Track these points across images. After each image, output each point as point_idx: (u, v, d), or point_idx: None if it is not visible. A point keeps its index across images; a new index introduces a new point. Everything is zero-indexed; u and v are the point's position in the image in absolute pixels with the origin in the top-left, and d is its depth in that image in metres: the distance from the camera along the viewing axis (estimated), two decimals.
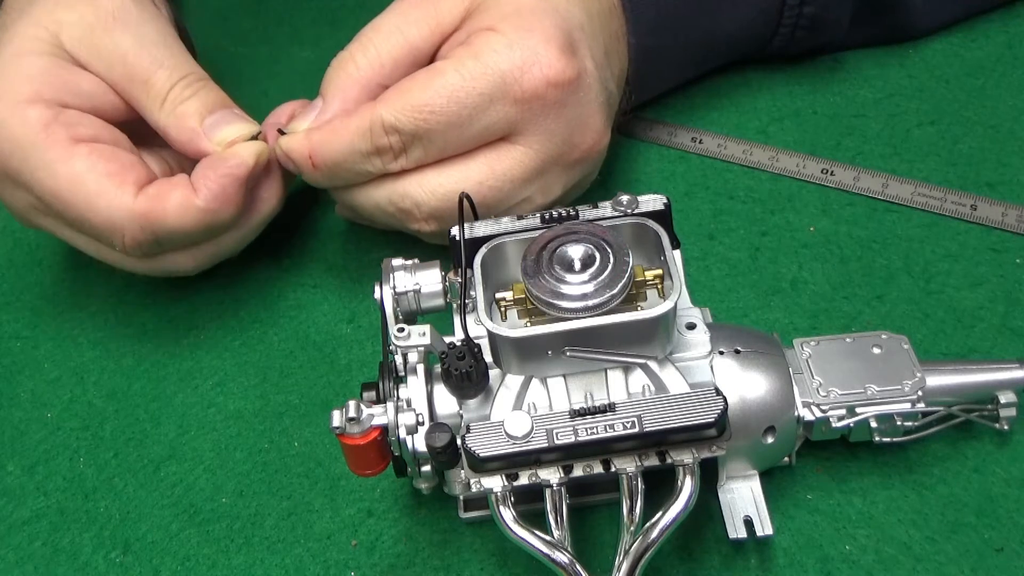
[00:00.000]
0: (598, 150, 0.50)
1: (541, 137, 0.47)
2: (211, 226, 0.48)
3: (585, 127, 0.48)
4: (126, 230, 0.47)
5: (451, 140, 0.47)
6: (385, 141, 0.46)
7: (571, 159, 0.49)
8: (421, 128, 0.46)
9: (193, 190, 0.47)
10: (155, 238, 0.48)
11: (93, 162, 0.47)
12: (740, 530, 0.41)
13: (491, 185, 0.47)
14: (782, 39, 0.59)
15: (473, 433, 0.37)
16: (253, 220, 0.51)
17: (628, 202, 0.43)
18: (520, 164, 0.47)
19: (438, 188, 0.47)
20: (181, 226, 0.47)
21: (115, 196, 0.47)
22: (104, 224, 0.47)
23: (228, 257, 0.53)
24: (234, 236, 0.51)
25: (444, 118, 0.46)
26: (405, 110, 0.46)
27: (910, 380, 0.41)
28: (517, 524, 0.38)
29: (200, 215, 0.47)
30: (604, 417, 0.37)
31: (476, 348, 0.39)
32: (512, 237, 0.42)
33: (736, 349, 0.42)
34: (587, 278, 0.38)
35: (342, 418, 0.38)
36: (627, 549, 0.37)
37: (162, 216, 0.47)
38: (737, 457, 0.42)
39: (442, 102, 0.45)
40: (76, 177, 0.47)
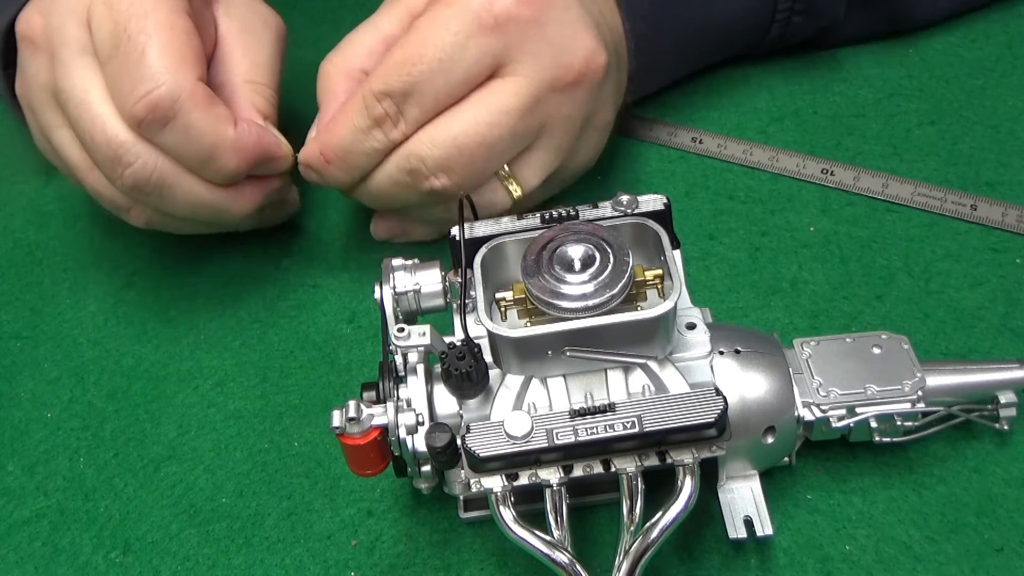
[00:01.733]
0: (594, 69, 0.48)
1: (527, 62, 0.46)
2: (213, 156, 0.48)
3: (573, 44, 0.47)
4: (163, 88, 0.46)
5: (441, 88, 0.46)
6: (380, 109, 0.46)
7: (566, 81, 0.47)
8: (408, 83, 0.46)
9: (232, 122, 0.48)
10: (172, 119, 0.46)
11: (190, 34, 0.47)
12: (740, 530, 0.41)
13: (490, 122, 0.46)
14: (779, 26, 0.59)
15: (473, 433, 0.37)
16: (215, 201, 0.50)
17: (628, 202, 0.43)
18: (513, 94, 0.47)
19: (438, 137, 0.47)
20: (199, 131, 0.47)
21: (185, 64, 0.46)
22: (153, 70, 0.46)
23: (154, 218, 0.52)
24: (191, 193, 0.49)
25: (427, 66, 0.46)
26: (390, 72, 0.46)
27: (910, 380, 0.41)
28: (517, 524, 0.38)
29: (218, 140, 0.47)
30: (604, 417, 0.37)
31: (476, 348, 0.39)
32: (512, 237, 0.42)
33: (736, 349, 0.42)
34: (587, 278, 0.38)
35: (342, 418, 0.38)
36: (627, 549, 0.37)
37: (198, 110, 0.46)
38: (737, 457, 0.42)
39: (422, 52, 0.46)
40: (172, 26, 0.46)
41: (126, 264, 0.58)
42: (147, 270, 0.57)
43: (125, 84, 0.46)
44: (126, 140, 0.47)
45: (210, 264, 0.57)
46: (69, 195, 0.61)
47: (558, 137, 0.49)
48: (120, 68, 0.46)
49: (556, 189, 0.54)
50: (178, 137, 0.47)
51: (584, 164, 0.54)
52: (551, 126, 0.48)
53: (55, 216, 0.61)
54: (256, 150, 0.49)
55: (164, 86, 0.46)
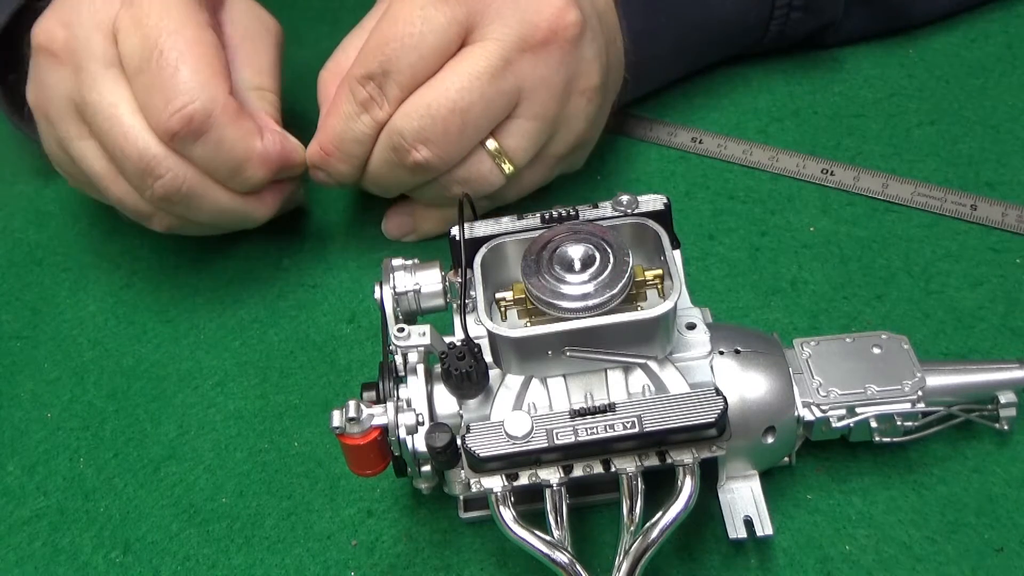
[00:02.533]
0: (565, 25, 0.47)
1: (493, 25, 0.47)
2: (242, 168, 0.49)
3: (540, 3, 0.47)
4: (198, 102, 0.47)
5: (415, 62, 0.47)
6: (364, 93, 0.48)
7: (536, 40, 0.47)
8: (385, 63, 0.47)
9: (259, 133, 0.49)
10: (206, 132, 0.47)
11: (218, 50, 0.49)
12: (740, 530, 0.41)
13: (460, 87, 0.47)
14: (778, 23, 0.59)
15: (473, 433, 0.37)
16: (239, 207, 0.51)
17: (628, 202, 0.43)
18: (482, 57, 0.47)
19: (413, 109, 0.47)
20: (231, 144, 0.48)
21: (217, 78, 0.47)
22: (188, 84, 0.46)
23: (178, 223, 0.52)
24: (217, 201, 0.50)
25: (399, 43, 0.46)
26: (368, 55, 0.47)
27: (910, 380, 0.41)
28: (517, 524, 0.38)
29: (248, 153, 0.48)
30: (604, 417, 0.37)
31: (476, 348, 0.39)
32: (512, 237, 0.42)
33: (736, 349, 0.42)
34: (587, 278, 0.38)
35: (342, 418, 0.38)
36: (627, 549, 0.37)
37: (230, 124, 0.47)
38: (737, 457, 0.42)
39: (392, 30, 0.47)
40: (202, 42, 0.48)
41: (126, 264, 0.58)
42: (147, 270, 0.57)
43: (158, 98, 0.47)
44: (158, 153, 0.48)
45: (210, 264, 0.57)
46: (69, 195, 0.62)
47: (539, 102, 0.49)
48: (152, 82, 0.47)
49: (556, 170, 0.53)
50: (210, 150, 0.48)
51: (578, 136, 0.52)
52: (529, 90, 0.48)
53: (55, 216, 0.61)
54: (280, 159, 0.50)
55: (199, 100, 0.46)
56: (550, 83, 0.48)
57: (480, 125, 0.48)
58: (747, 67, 0.63)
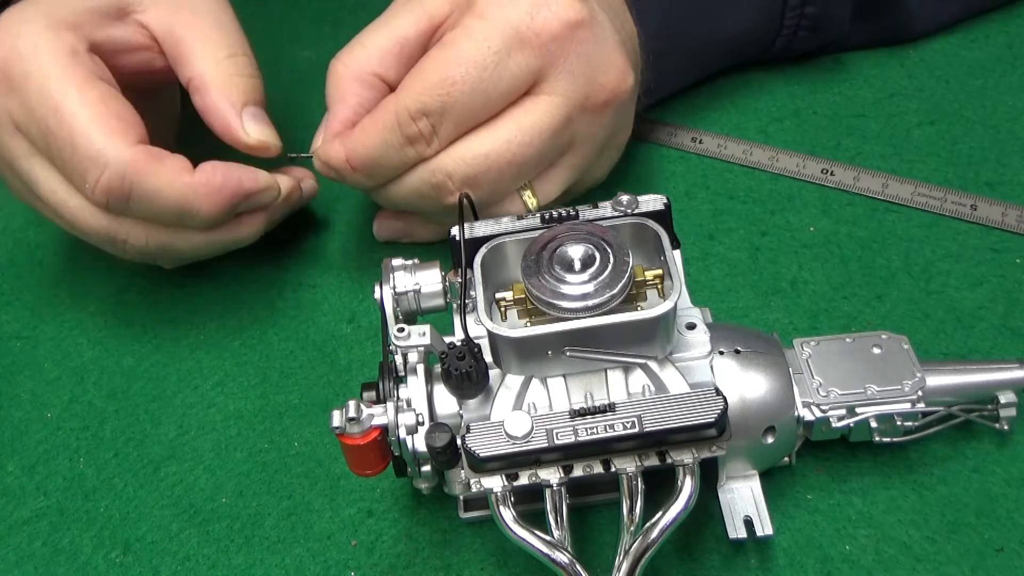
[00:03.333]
0: (624, 89, 0.48)
1: (564, 81, 0.46)
2: (185, 210, 0.47)
3: (607, 65, 0.47)
4: (108, 170, 0.45)
5: (478, 106, 0.46)
6: (415, 128, 0.46)
7: (597, 102, 0.47)
8: (447, 103, 0.45)
9: (189, 169, 0.47)
10: (130, 193, 0.46)
11: (107, 99, 0.47)
12: (740, 530, 0.41)
13: (521, 141, 0.46)
14: (784, 40, 0.59)
15: (473, 433, 0.37)
16: (222, 237, 0.51)
17: (628, 202, 0.43)
18: (547, 114, 0.46)
19: (467, 153, 0.46)
20: (160, 192, 0.46)
21: (115, 134, 0.46)
22: (91, 156, 0.46)
23: (172, 261, 0.53)
24: (195, 241, 0.50)
25: (467, 86, 0.45)
26: (427, 91, 0.45)
27: (910, 380, 0.41)
28: (517, 524, 0.38)
29: (183, 193, 0.46)
30: (604, 417, 0.37)
31: (476, 348, 0.39)
32: (512, 237, 0.42)
33: (736, 349, 0.42)
34: (587, 278, 0.38)
35: (342, 418, 0.38)
36: (627, 549, 0.37)
37: (150, 173, 0.46)
38: (737, 457, 0.42)
39: (461, 71, 0.45)
40: (87, 103, 0.46)
41: (126, 264, 0.57)
42: (147, 270, 0.57)
43: (75, 178, 0.47)
44: (110, 224, 0.48)
45: (210, 264, 0.57)
46: None
47: (581, 155, 0.49)
48: (63, 165, 0.47)
49: (564, 199, 0.54)
50: (143, 205, 0.47)
51: (597, 180, 0.54)
52: (577, 144, 0.49)
53: None
54: (223, 191, 0.48)
55: (107, 167, 0.46)
56: (597, 139, 0.49)
57: (529, 175, 0.48)
58: (747, 67, 0.63)
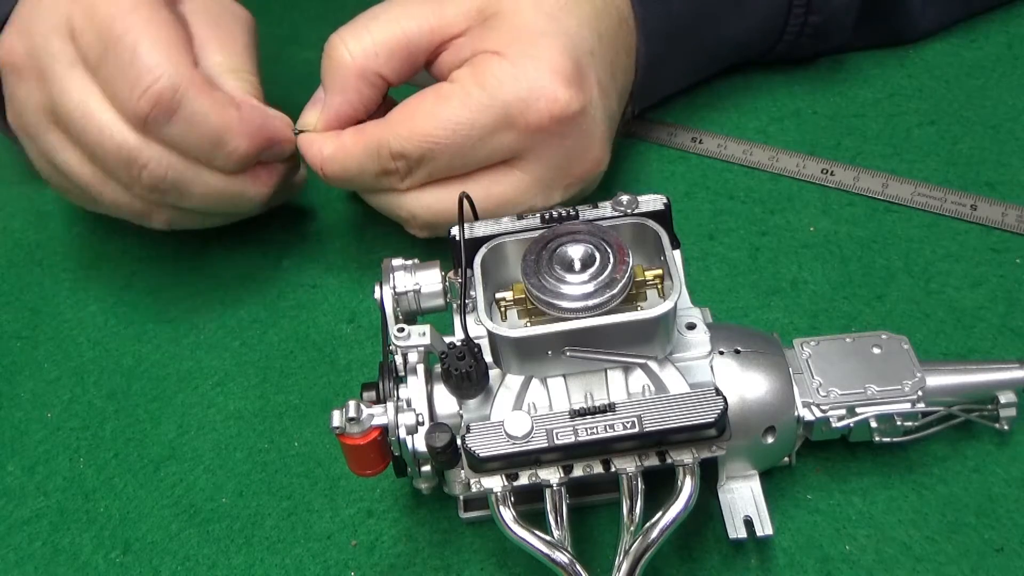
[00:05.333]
0: (596, 173, 0.50)
1: (541, 165, 0.48)
2: (222, 141, 0.47)
3: (585, 155, 0.49)
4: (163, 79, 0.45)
5: (455, 165, 0.48)
6: (392, 165, 0.48)
7: (568, 183, 0.49)
8: (426, 155, 0.47)
9: (234, 102, 0.48)
10: (178, 107, 0.46)
11: (176, 26, 0.48)
12: (740, 530, 0.41)
13: (484, 208, 0.47)
14: (786, 45, 0.59)
15: (473, 433, 0.37)
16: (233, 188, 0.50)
17: (628, 202, 0.43)
18: (516, 189, 0.48)
19: (434, 204, 0.49)
20: (204, 117, 0.47)
21: (176, 53, 0.46)
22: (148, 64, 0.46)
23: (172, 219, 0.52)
24: (207, 185, 0.49)
25: (449, 148, 0.47)
26: (412, 138, 0.47)
27: (910, 380, 0.41)
28: (517, 524, 0.38)
29: (225, 122, 0.47)
30: (604, 417, 0.37)
31: (476, 348, 0.39)
32: (512, 237, 0.42)
33: (736, 349, 0.42)
34: (587, 278, 0.38)
35: (342, 418, 0.38)
36: (627, 549, 0.37)
37: (201, 94, 0.46)
38: (737, 457, 0.42)
39: (447, 132, 0.46)
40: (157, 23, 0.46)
41: (126, 264, 0.58)
42: (147, 270, 0.57)
43: (123, 84, 0.46)
44: (135, 144, 0.47)
45: (210, 264, 0.57)
46: None
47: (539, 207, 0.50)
48: (115, 70, 0.46)
49: None
50: (184, 126, 0.47)
51: None
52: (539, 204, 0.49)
53: (55, 216, 0.61)
54: (263, 131, 0.49)
55: (163, 77, 0.46)
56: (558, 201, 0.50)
57: None
58: (747, 68, 0.63)
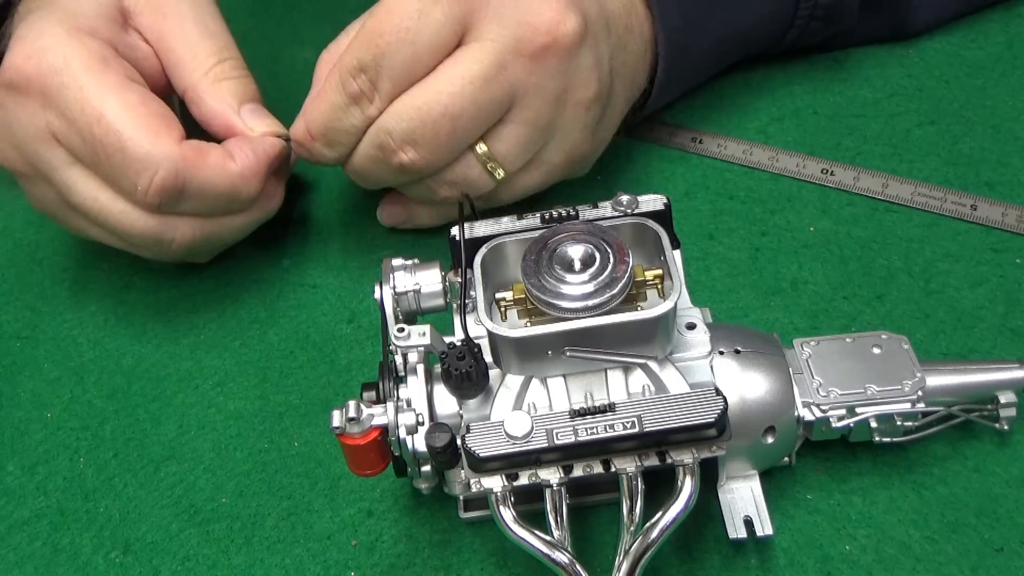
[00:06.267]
0: (564, 32, 0.46)
1: (491, 27, 0.46)
2: (237, 194, 0.49)
3: (538, 7, 0.46)
4: (161, 170, 0.47)
5: (408, 58, 0.46)
6: (355, 86, 0.47)
7: (532, 46, 0.46)
8: (377, 56, 0.46)
9: (229, 155, 0.49)
10: (184, 188, 0.48)
11: (146, 101, 0.48)
12: (740, 530, 0.41)
13: (452, 91, 0.46)
14: (797, 31, 0.59)
15: (473, 433, 0.37)
16: (259, 212, 0.53)
17: (628, 202, 0.43)
18: (476, 61, 0.46)
19: (403, 109, 0.47)
20: (212, 183, 0.48)
21: (160, 135, 0.47)
22: (140, 159, 0.47)
23: (210, 253, 0.54)
24: (238, 222, 0.52)
25: (394, 36, 0.46)
26: (360, 46, 0.46)
27: (910, 380, 0.41)
28: (517, 524, 0.38)
29: (232, 179, 0.49)
30: (604, 417, 0.37)
31: (476, 348, 0.39)
32: (512, 237, 0.42)
33: (736, 349, 0.42)
34: (587, 278, 0.38)
35: (342, 418, 0.38)
36: (627, 549, 0.37)
37: (200, 167, 0.48)
38: (737, 457, 0.42)
39: (387, 23, 0.46)
40: (129, 107, 0.47)
41: (126, 264, 0.58)
42: (147, 270, 0.57)
43: (125, 183, 0.48)
44: (158, 223, 0.49)
45: (210, 264, 0.57)
46: None
47: (532, 109, 0.48)
48: (111, 170, 0.48)
49: (556, 177, 0.52)
50: (196, 200, 0.49)
51: (574, 146, 0.51)
52: (521, 96, 0.47)
53: None
54: (262, 164, 0.50)
55: (160, 166, 0.47)
56: (543, 90, 0.48)
57: (470, 130, 0.47)
58: (747, 68, 0.63)
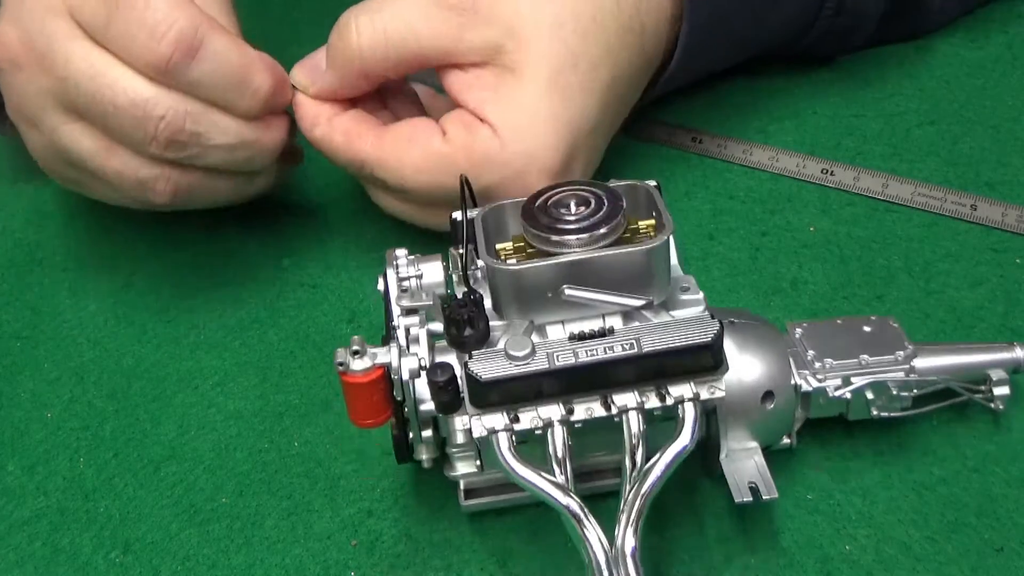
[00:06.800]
0: None
1: None
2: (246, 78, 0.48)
3: None
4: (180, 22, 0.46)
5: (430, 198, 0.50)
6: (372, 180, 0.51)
7: None
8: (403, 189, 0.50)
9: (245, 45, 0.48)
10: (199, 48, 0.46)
11: None
12: (745, 494, 0.41)
13: None
14: (812, 39, 0.59)
15: (475, 359, 0.37)
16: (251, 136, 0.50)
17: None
18: None
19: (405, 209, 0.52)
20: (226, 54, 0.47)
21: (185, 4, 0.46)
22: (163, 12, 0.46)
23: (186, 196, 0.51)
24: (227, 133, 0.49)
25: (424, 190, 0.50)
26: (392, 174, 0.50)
27: (902, 351, 0.42)
28: (522, 464, 0.37)
29: (246, 58, 0.48)
30: (603, 340, 0.38)
31: (477, 295, 0.39)
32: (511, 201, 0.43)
33: (731, 320, 0.42)
34: (584, 215, 0.40)
35: (346, 354, 0.38)
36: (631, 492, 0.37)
37: (219, 34, 0.47)
38: (738, 426, 0.42)
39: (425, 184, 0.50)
40: None
41: (126, 264, 0.58)
42: (147, 270, 0.57)
43: (139, 35, 0.46)
44: (152, 94, 0.47)
45: (210, 264, 0.57)
46: (69, 195, 0.61)
47: None
48: (127, 25, 0.46)
49: None
50: (209, 66, 0.47)
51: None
52: None
53: (55, 216, 0.61)
54: (277, 67, 0.50)
55: (181, 18, 0.46)
56: None
57: None
58: (747, 68, 0.63)
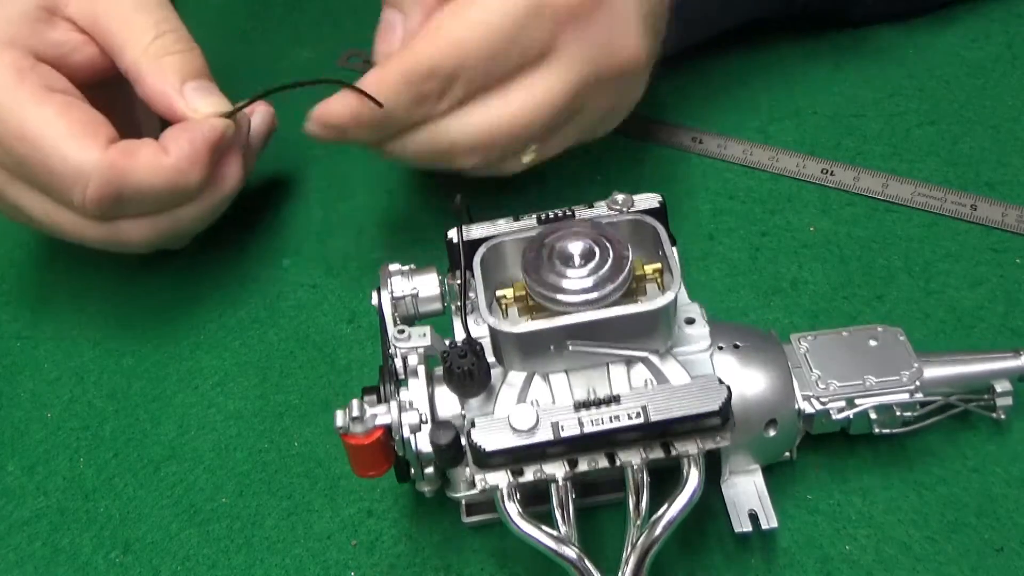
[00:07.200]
0: (636, 62, 0.47)
1: (577, 49, 0.45)
2: (177, 187, 0.47)
3: (623, 34, 0.46)
4: (91, 181, 0.46)
5: (491, 71, 0.45)
6: (426, 88, 0.44)
7: (610, 72, 0.47)
8: (459, 66, 0.44)
9: (162, 150, 0.47)
10: (119, 194, 0.46)
11: (66, 109, 0.47)
12: (745, 524, 0.41)
13: (530, 111, 0.45)
14: None
15: (478, 428, 0.37)
16: (214, 196, 0.50)
17: (623, 201, 0.43)
18: (559, 83, 0.45)
19: (475, 122, 0.46)
20: (148, 182, 0.47)
21: (85, 143, 0.46)
22: (69, 173, 0.46)
23: (180, 241, 0.53)
24: (193, 211, 0.50)
25: (482, 51, 0.44)
26: (441, 50, 0.44)
27: (907, 371, 0.42)
28: (523, 520, 0.38)
29: (168, 174, 0.47)
30: (609, 408, 0.37)
31: (478, 346, 0.39)
32: (510, 237, 0.42)
33: (735, 344, 0.42)
34: (587, 272, 0.39)
35: (346, 418, 0.38)
36: (634, 543, 0.37)
37: (131, 169, 0.46)
38: (740, 451, 0.42)
39: (479, 34, 0.44)
40: (47, 121, 0.46)
41: (127, 264, 0.58)
42: (147, 270, 0.57)
43: (60, 195, 0.47)
44: (110, 229, 0.49)
45: (210, 264, 0.57)
46: None
47: (587, 121, 0.49)
48: (45, 186, 0.47)
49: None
50: (138, 200, 0.48)
51: (599, 136, 0.52)
52: (583, 112, 0.48)
53: None
54: (203, 150, 0.48)
55: (90, 178, 0.46)
56: (603, 108, 0.49)
57: (533, 141, 0.48)
58: (746, 67, 0.63)
